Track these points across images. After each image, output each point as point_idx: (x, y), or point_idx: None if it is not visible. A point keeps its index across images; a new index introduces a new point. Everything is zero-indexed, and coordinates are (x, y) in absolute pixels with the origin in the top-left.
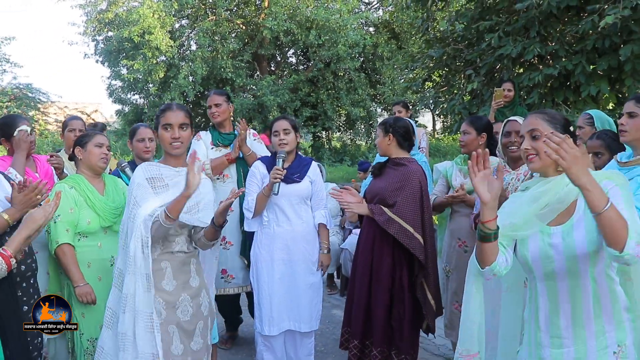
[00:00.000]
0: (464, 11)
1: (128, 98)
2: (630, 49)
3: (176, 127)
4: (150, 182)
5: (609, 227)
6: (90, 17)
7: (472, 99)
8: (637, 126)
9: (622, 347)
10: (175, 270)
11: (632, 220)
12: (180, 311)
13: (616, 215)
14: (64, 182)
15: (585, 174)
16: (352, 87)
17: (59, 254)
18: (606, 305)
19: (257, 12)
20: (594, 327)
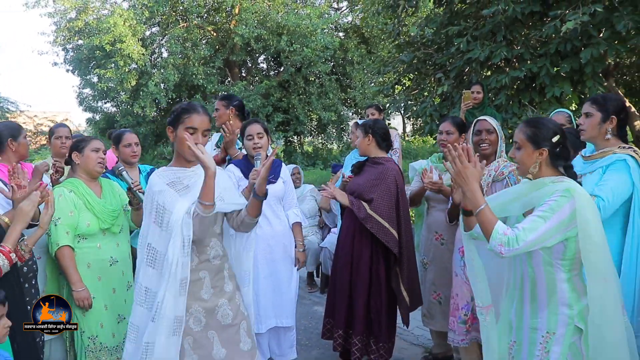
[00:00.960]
0: (433, 17)
1: (99, 106)
2: (590, 53)
3: (200, 133)
4: (172, 187)
5: (482, 225)
6: (60, 26)
7: (443, 102)
8: (592, 125)
9: (551, 335)
10: (212, 278)
11: (529, 227)
12: (220, 315)
13: (486, 218)
14: (62, 185)
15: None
16: (323, 91)
17: (59, 256)
18: (542, 293)
19: (227, 18)
20: (529, 309)
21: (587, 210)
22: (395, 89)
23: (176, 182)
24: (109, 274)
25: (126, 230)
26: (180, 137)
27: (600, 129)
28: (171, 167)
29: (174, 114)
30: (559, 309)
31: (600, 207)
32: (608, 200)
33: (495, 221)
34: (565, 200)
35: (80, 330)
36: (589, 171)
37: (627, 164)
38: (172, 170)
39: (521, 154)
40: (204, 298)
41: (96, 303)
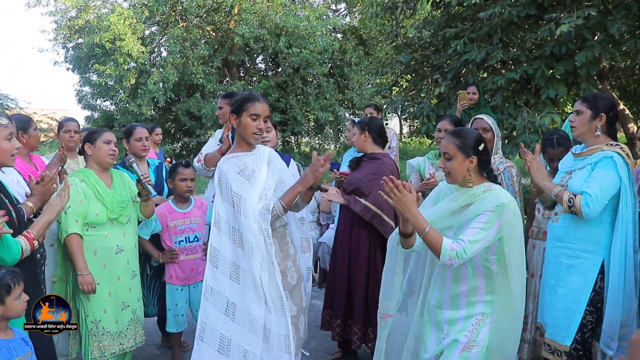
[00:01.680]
0: (431, 19)
1: (97, 104)
2: (584, 55)
3: (262, 119)
4: (242, 175)
5: (429, 246)
6: (60, 24)
7: (439, 102)
8: (583, 122)
9: (485, 317)
10: (280, 244)
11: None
12: (289, 277)
13: (433, 240)
14: (74, 175)
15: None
16: (320, 92)
17: (67, 242)
18: (481, 283)
19: (227, 19)
20: (466, 302)
21: (512, 219)
22: (393, 90)
23: (244, 169)
24: (114, 262)
25: (134, 221)
26: (245, 124)
27: (590, 126)
28: (235, 153)
29: (238, 103)
30: (494, 296)
31: (589, 203)
32: (596, 196)
33: (441, 239)
34: (496, 215)
35: (85, 314)
36: (578, 167)
37: (614, 160)
38: (238, 156)
39: (452, 163)
40: (276, 262)
41: (100, 289)
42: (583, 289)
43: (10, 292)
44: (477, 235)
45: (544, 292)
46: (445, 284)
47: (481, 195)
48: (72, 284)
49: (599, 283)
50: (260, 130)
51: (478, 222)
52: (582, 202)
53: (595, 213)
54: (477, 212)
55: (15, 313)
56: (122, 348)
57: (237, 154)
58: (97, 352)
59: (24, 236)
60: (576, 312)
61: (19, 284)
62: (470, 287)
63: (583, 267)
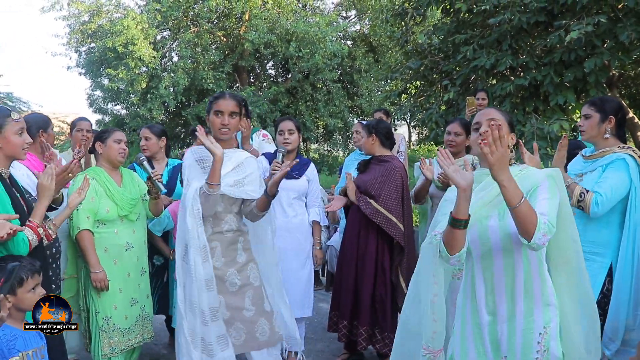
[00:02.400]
0: (440, 25)
1: (108, 108)
2: (593, 62)
3: (226, 115)
4: (199, 163)
5: (522, 220)
6: (73, 28)
7: (448, 109)
8: (592, 125)
9: (547, 329)
10: (224, 248)
11: (549, 209)
12: (228, 283)
13: (528, 210)
14: (85, 173)
15: (504, 171)
16: (330, 98)
17: (79, 239)
18: (536, 287)
19: (237, 24)
20: (523, 307)
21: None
22: (402, 97)
23: (205, 159)
24: (124, 258)
25: (143, 218)
26: (210, 121)
27: (599, 129)
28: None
29: (209, 102)
30: (550, 299)
31: (599, 202)
32: (606, 195)
33: (535, 211)
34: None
35: (95, 311)
36: (589, 170)
37: (626, 162)
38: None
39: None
40: (216, 265)
41: (111, 286)
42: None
43: (22, 285)
44: (551, 205)
45: None
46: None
47: (519, 174)
48: (83, 281)
49: (607, 285)
50: (224, 126)
51: (543, 194)
52: (593, 200)
53: (603, 212)
54: (529, 188)
55: (28, 306)
56: (130, 344)
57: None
58: (107, 349)
59: (28, 226)
60: None
61: (33, 277)
62: (525, 292)
63: (591, 269)
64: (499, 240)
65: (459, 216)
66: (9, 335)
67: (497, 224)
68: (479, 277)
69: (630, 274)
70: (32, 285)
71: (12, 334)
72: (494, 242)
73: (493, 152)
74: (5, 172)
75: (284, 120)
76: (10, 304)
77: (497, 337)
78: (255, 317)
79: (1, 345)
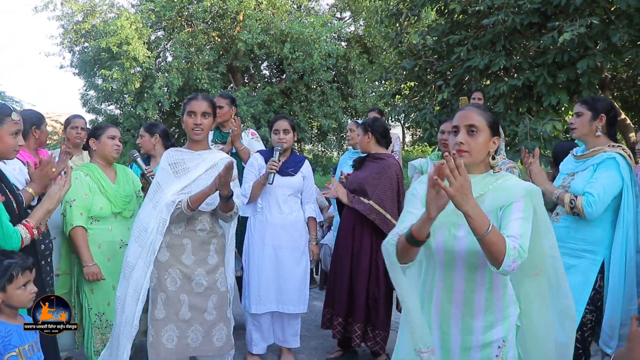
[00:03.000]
0: (435, 26)
1: (102, 108)
2: (586, 63)
3: (199, 115)
4: (172, 167)
5: (489, 249)
6: (67, 28)
7: (442, 109)
8: (583, 123)
9: (506, 342)
10: (195, 247)
11: (522, 230)
12: (194, 283)
13: (496, 238)
14: (79, 169)
15: (467, 200)
16: (324, 99)
17: (73, 235)
18: (497, 301)
19: (232, 25)
20: (483, 323)
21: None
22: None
23: (179, 162)
24: (118, 255)
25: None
26: (184, 122)
27: (590, 126)
28: (181, 148)
29: (183, 104)
30: (509, 310)
31: (591, 202)
32: (598, 195)
33: (504, 237)
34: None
35: (88, 307)
36: (580, 169)
37: (616, 161)
38: (180, 151)
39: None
40: (185, 263)
41: (104, 282)
42: (583, 288)
43: (12, 281)
44: (524, 227)
45: None
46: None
47: (495, 184)
48: (76, 277)
49: (599, 282)
50: (196, 126)
51: (517, 213)
52: (585, 202)
53: (598, 213)
54: (503, 203)
55: (18, 302)
56: None
57: (181, 149)
58: (99, 345)
59: (23, 225)
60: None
61: (24, 274)
62: (486, 306)
63: (583, 266)
64: (464, 253)
65: (417, 236)
66: (3, 331)
67: (465, 235)
68: (439, 284)
69: (623, 271)
70: (23, 282)
71: (7, 330)
72: (458, 252)
73: (452, 183)
74: None
75: (279, 119)
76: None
77: (449, 347)
78: (215, 321)
79: None
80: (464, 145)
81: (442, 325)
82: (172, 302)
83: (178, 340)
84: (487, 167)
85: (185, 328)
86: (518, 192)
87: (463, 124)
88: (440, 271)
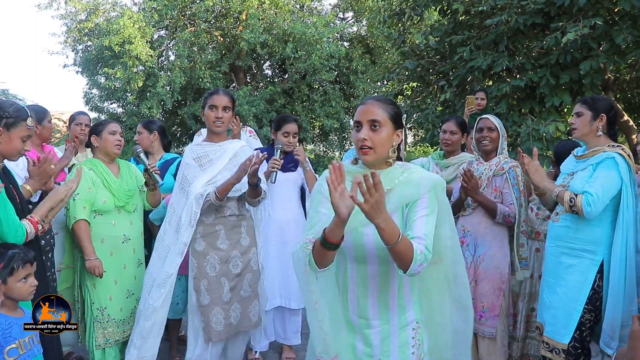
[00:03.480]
0: (437, 26)
1: (105, 107)
2: (589, 64)
3: (220, 109)
4: (197, 161)
5: (398, 257)
6: (70, 27)
7: (445, 109)
8: (583, 123)
9: (420, 324)
10: (228, 231)
11: (427, 229)
12: (232, 265)
13: (405, 247)
14: (83, 164)
15: (380, 214)
16: (326, 99)
17: (75, 228)
18: (407, 287)
19: (235, 24)
20: (397, 308)
21: (445, 198)
22: (398, 100)
23: (202, 156)
24: (121, 250)
25: (140, 210)
26: (205, 115)
27: (590, 126)
28: (203, 142)
29: (204, 98)
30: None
31: (590, 202)
32: (597, 194)
33: (412, 244)
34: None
35: (90, 302)
36: (580, 169)
37: (615, 161)
38: (202, 145)
39: (381, 135)
40: (221, 247)
41: (107, 277)
42: (582, 288)
43: (12, 274)
44: (429, 225)
45: (543, 291)
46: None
47: (401, 177)
48: (79, 272)
49: (598, 282)
50: (217, 119)
51: (421, 210)
52: (584, 201)
53: (597, 212)
54: (409, 199)
55: (18, 295)
56: (125, 336)
57: (202, 143)
58: (101, 339)
59: (28, 220)
60: (575, 311)
61: (24, 267)
62: (398, 293)
63: (582, 266)
64: (374, 249)
65: (333, 240)
66: (4, 324)
67: (372, 233)
68: (352, 280)
69: (624, 272)
70: (24, 275)
71: (7, 322)
72: (368, 249)
73: (367, 199)
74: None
75: (289, 121)
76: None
77: (370, 339)
78: (250, 298)
79: None
80: (368, 142)
81: (360, 321)
82: (214, 286)
83: (224, 321)
84: (393, 160)
85: (227, 309)
86: (424, 185)
87: (365, 120)
88: (353, 267)
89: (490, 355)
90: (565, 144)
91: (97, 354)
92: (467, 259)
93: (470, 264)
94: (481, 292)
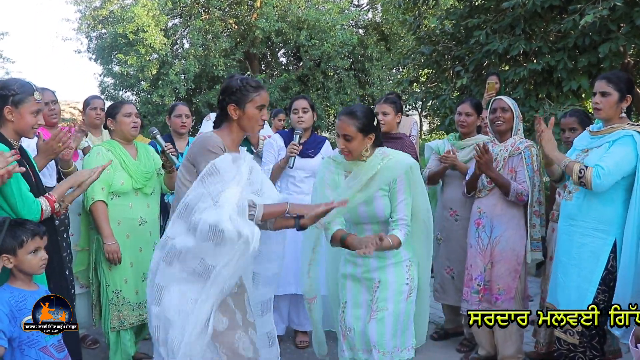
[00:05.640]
0: (453, 10)
1: (119, 95)
2: (608, 47)
3: (265, 110)
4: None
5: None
6: (85, 14)
7: (461, 95)
8: (610, 104)
9: (412, 262)
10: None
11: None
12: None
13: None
14: (101, 145)
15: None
16: (341, 87)
17: (93, 210)
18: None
19: (249, 12)
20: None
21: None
22: (413, 86)
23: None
24: (137, 233)
25: (157, 192)
26: (251, 114)
27: (617, 108)
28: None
29: (239, 92)
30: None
31: (600, 174)
32: (608, 168)
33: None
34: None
35: (106, 284)
36: (596, 145)
37: (634, 139)
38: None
39: (354, 144)
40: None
41: (123, 259)
42: (595, 268)
43: (22, 246)
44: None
45: (556, 270)
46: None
47: (382, 164)
48: (94, 254)
49: (612, 262)
50: (264, 122)
51: (400, 195)
52: (594, 173)
53: (606, 186)
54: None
55: (29, 268)
56: (141, 319)
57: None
58: (116, 322)
59: (45, 197)
60: (588, 291)
61: (33, 239)
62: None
63: (594, 245)
64: (368, 218)
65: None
66: (17, 296)
67: (365, 209)
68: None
69: (635, 252)
70: (33, 248)
71: (21, 295)
72: (363, 219)
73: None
74: (16, 144)
75: (297, 98)
76: (12, 264)
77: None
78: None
79: (10, 307)
80: (345, 149)
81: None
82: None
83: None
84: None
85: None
86: (400, 168)
87: (341, 134)
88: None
89: (506, 340)
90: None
91: (112, 337)
92: (483, 240)
93: (487, 246)
94: (497, 274)
